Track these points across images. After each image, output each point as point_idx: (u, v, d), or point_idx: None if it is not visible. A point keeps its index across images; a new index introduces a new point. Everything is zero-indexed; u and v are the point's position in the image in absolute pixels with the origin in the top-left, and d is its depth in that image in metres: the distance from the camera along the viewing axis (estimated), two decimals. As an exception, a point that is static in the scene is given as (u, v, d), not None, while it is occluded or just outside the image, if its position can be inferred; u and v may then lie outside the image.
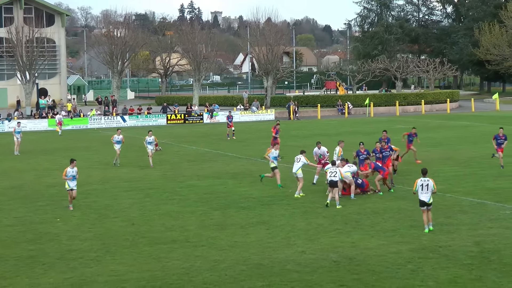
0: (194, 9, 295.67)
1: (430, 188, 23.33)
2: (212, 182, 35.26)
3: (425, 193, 23.34)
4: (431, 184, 23.36)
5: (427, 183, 23.36)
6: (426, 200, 23.32)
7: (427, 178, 23.57)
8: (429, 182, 23.37)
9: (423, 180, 23.48)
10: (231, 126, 57.91)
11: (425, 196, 23.34)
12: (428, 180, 23.45)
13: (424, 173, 23.85)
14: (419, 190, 23.44)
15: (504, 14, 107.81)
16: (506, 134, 37.89)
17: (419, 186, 23.45)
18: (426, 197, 23.33)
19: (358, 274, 19.14)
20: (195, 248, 22.18)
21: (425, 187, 23.34)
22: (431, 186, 23.35)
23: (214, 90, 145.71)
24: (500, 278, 18.48)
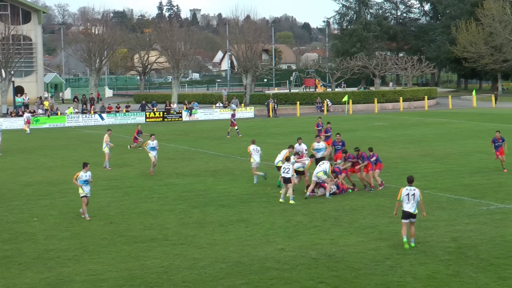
0: (172, 7, 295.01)
1: (416, 198, 21.25)
2: (191, 180, 35.19)
3: (410, 204, 21.21)
4: (417, 193, 21.28)
5: (413, 192, 21.25)
6: (411, 211, 21.17)
7: (413, 187, 21.46)
8: (415, 192, 21.25)
9: (409, 189, 21.32)
10: (235, 125, 57.60)
11: (410, 206, 21.20)
12: (415, 189, 21.32)
13: (410, 182, 21.56)
14: (404, 200, 21.28)
15: (480, 12, 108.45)
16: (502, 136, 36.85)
17: (404, 196, 21.29)
18: (411, 208, 21.18)
19: (337, 271, 19.16)
20: (174, 246, 22.12)
21: (411, 197, 21.21)
22: (417, 196, 21.27)
23: (193, 87, 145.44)
24: (477, 274, 18.59)
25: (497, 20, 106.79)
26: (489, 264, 19.41)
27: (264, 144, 46.70)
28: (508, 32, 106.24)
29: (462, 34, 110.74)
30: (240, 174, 36.49)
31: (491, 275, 18.44)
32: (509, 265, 19.21)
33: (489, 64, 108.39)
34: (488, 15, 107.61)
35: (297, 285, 18.15)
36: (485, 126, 60.24)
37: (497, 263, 19.48)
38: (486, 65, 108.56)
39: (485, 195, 29.25)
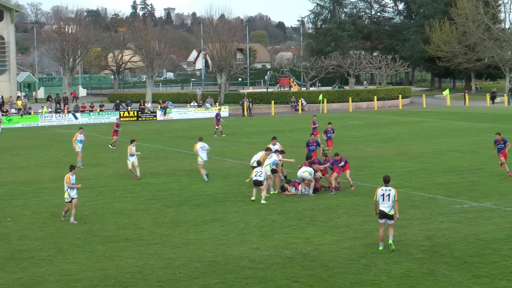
0: (146, 6, 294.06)
1: (392, 198, 20.95)
2: (166, 179, 35.10)
3: (385, 204, 20.95)
4: (392, 193, 20.98)
5: (388, 192, 20.97)
6: (386, 211, 20.90)
7: (389, 187, 21.19)
8: (390, 192, 20.97)
9: (384, 190, 21.08)
10: (218, 124, 57.32)
11: (385, 206, 20.94)
12: (390, 189, 21.05)
13: (386, 182, 21.37)
14: (380, 200, 21.06)
15: (454, 11, 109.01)
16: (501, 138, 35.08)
17: (379, 196, 21.06)
18: (387, 208, 20.91)
19: (312, 270, 19.17)
20: (149, 246, 22.03)
21: (386, 197, 20.96)
22: (392, 196, 20.97)
23: (168, 87, 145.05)
24: (450, 272, 18.68)
25: (471, 20, 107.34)
26: (463, 262, 19.49)
27: (239, 144, 46.78)
28: (481, 32, 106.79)
29: (436, 33, 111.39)
30: (215, 173, 36.39)
31: (464, 273, 18.52)
32: (483, 263, 19.30)
33: (462, 63, 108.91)
34: (462, 15, 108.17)
35: (272, 284, 18.12)
36: (459, 125, 60.66)
37: (471, 261, 19.57)
38: (460, 64, 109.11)
39: (459, 193, 29.42)
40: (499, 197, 28.56)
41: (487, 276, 18.29)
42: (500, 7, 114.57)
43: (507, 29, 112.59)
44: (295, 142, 48.97)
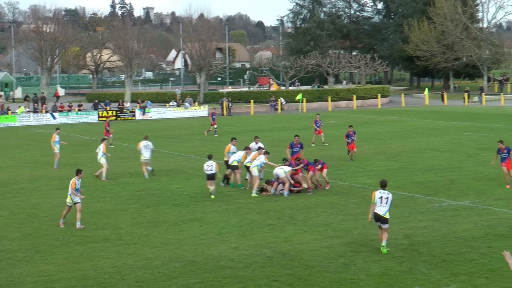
0: (125, 5, 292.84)
1: (390, 201, 20.64)
2: (145, 179, 34.94)
3: (382, 207, 20.52)
4: (391, 197, 20.68)
5: (387, 196, 20.59)
6: (381, 214, 20.47)
7: (387, 191, 20.82)
8: (389, 196, 20.62)
9: (382, 193, 20.65)
10: (214, 124, 57.09)
11: (381, 209, 20.51)
12: (388, 193, 20.71)
13: (383, 186, 21.00)
14: (378, 202, 20.58)
15: (432, 11, 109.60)
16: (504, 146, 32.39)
17: (377, 199, 20.58)
18: (382, 211, 20.49)
19: (291, 269, 19.17)
20: (128, 246, 21.96)
21: (384, 200, 20.55)
22: (390, 199, 20.65)
23: (147, 86, 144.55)
24: (429, 270, 18.76)
25: (449, 19, 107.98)
26: (441, 260, 19.59)
27: (219, 143, 46.72)
28: (459, 31, 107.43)
29: (415, 32, 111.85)
30: (194, 173, 36.37)
31: (443, 271, 18.61)
32: (461, 261, 19.41)
33: (441, 63, 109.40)
34: (440, 14, 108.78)
35: (252, 283, 18.11)
36: (438, 124, 60.95)
37: (449, 259, 19.67)
38: (438, 63, 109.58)
39: (438, 192, 29.55)
40: (477, 195, 28.73)
41: (465, 274, 18.39)
42: (478, 6, 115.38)
43: (484, 29, 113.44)
44: (275, 142, 49.00)
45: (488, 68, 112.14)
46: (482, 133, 51.60)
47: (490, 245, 20.98)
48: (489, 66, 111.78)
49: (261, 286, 17.92)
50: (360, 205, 27.33)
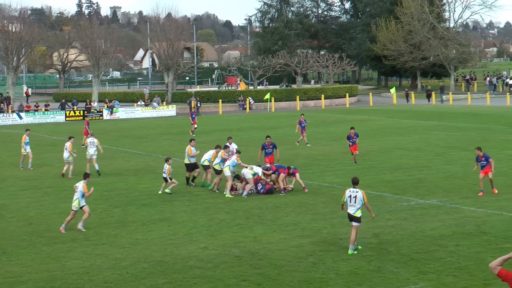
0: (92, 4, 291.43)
1: (359, 200, 20.38)
2: (113, 179, 34.81)
3: (352, 206, 20.43)
4: (360, 195, 20.43)
5: (355, 194, 20.43)
6: (351, 213, 20.40)
7: (357, 189, 20.62)
8: (357, 194, 20.44)
9: (351, 191, 20.56)
10: (195, 123, 56.64)
11: (351, 208, 20.43)
12: (357, 191, 20.51)
13: (354, 183, 20.81)
14: (347, 201, 20.55)
15: (399, 10, 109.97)
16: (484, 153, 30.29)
17: (347, 198, 20.54)
18: (352, 210, 20.41)
19: (260, 268, 19.14)
20: (96, 246, 21.82)
21: (353, 199, 20.41)
22: (360, 197, 20.41)
23: (114, 86, 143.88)
24: (397, 268, 18.82)
25: (416, 18, 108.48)
26: (410, 259, 19.66)
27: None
28: (426, 30, 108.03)
29: (382, 32, 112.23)
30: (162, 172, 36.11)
31: (411, 270, 18.68)
32: (429, 260, 19.49)
33: (408, 62, 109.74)
34: (407, 13, 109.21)
35: (220, 283, 18.06)
36: (405, 123, 61.22)
37: (417, 257, 19.75)
38: (406, 62, 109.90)
39: (406, 191, 29.69)
40: (445, 194, 28.88)
41: (433, 272, 18.46)
42: (444, 6, 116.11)
43: (451, 28, 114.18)
44: (243, 141, 48.89)
45: (455, 68, 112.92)
46: (449, 132, 51.95)
47: (458, 243, 21.09)
48: (456, 65, 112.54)
49: (230, 286, 17.87)
50: (328, 204, 27.37)
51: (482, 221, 23.75)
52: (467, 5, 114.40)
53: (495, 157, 37.27)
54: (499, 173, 32.13)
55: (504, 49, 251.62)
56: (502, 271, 10.96)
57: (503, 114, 65.37)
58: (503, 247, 20.39)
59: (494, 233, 22.19)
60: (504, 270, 10.98)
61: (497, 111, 70.51)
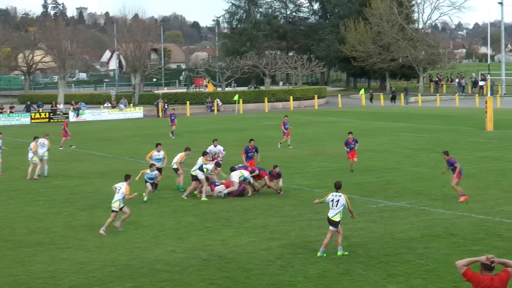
0: (58, 5, 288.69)
1: (341, 204, 20.30)
2: (79, 182, 34.47)
3: (332, 210, 20.30)
4: (342, 200, 20.34)
5: (338, 198, 20.35)
6: (330, 216, 20.29)
7: (340, 193, 20.54)
8: (340, 198, 20.34)
9: (334, 195, 20.45)
10: (174, 125, 55.84)
11: (331, 212, 20.28)
12: (340, 195, 20.41)
13: (337, 188, 20.67)
14: (330, 205, 20.38)
15: (368, 11, 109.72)
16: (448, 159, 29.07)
17: (330, 201, 20.41)
18: (332, 214, 20.26)
19: (228, 272, 19.01)
20: (61, 250, 21.56)
21: (335, 203, 20.30)
22: (342, 202, 20.32)
23: (80, 87, 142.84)
24: (366, 271, 18.75)
25: (385, 20, 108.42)
26: (379, 261, 19.60)
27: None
28: (395, 32, 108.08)
29: (351, 33, 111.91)
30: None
31: (380, 273, 18.62)
32: (398, 262, 19.44)
33: (377, 63, 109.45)
34: (376, 15, 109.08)
35: (188, 287, 17.92)
36: (374, 124, 61.32)
37: (386, 260, 19.69)
38: (374, 64, 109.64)
39: (375, 193, 29.65)
40: (414, 196, 28.87)
41: (402, 275, 18.40)
42: (413, 7, 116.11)
43: (420, 29, 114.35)
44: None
45: (424, 69, 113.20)
46: (418, 134, 52.09)
47: (426, 245, 21.05)
48: (425, 66, 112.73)
49: (198, 289, 17.70)
50: (297, 206, 27.26)
51: (451, 223, 23.76)
52: (436, 6, 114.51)
53: (463, 159, 37.63)
54: (468, 174, 32.27)
55: (473, 50, 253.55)
56: (468, 272, 11.16)
57: (472, 116, 65.71)
58: (472, 249, 20.41)
59: (463, 235, 22.20)
60: (470, 271, 11.17)
61: (466, 113, 70.96)
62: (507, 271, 11.27)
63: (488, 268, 11.19)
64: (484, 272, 11.22)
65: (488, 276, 11.15)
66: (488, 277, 11.14)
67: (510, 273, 11.28)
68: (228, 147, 38.92)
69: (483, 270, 11.23)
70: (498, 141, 46.36)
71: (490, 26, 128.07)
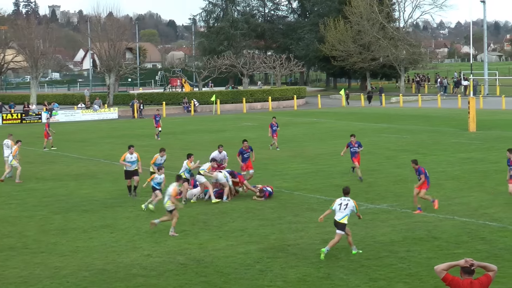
0: (30, 3, 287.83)
1: (350, 207, 20.31)
2: (53, 184, 33.99)
3: (340, 213, 20.26)
4: (351, 204, 20.37)
5: (346, 202, 20.40)
6: (337, 219, 20.26)
7: (348, 197, 20.61)
8: (348, 202, 20.40)
9: (342, 200, 20.52)
10: (159, 126, 54.70)
11: (339, 214, 20.26)
12: (349, 200, 20.50)
13: (345, 193, 20.79)
14: (336, 209, 20.37)
15: (348, 10, 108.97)
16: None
17: (337, 205, 20.42)
18: (339, 216, 20.24)
19: (206, 276, 18.71)
20: (35, 254, 21.18)
21: (344, 206, 20.34)
22: (351, 205, 20.33)
23: (53, 88, 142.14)
24: (347, 275, 18.47)
25: (365, 18, 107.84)
26: (360, 265, 19.32)
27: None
28: (376, 31, 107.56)
29: (331, 32, 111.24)
30: (104, 177, 35.58)
31: (361, 277, 18.35)
32: (380, 266, 19.17)
33: (357, 63, 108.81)
34: (356, 13, 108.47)
35: (165, 292, 17.61)
36: (355, 125, 60.96)
37: (368, 264, 19.42)
38: (355, 63, 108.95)
39: (356, 195, 29.02)
40: (395, 198, 28.56)
41: (384, 279, 18.15)
42: (394, 5, 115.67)
43: (401, 28, 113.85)
44: (188, 145, 48.30)
45: (405, 69, 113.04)
46: (400, 135, 51.81)
47: (408, 249, 20.78)
48: (406, 66, 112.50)
49: (175, 295, 17.41)
50: (276, 209, 26.92)
51: (433, 226, 23.48)
52: (417, 5, 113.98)
53: (446, 161, 37.53)
54: (452, 176, 32.11)
55: (455, 49, 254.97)
56: (448, 276, 11.21)
57: (455, 116, 65.72)
58: (454, 252, 20.17)
59: (446, 238, 21.95)
60: (450, 275, 11.18)
61: (449, 113, 70.95)
62: (488, 275, 11.25)
63: (468, 272, 11.15)
64: (464, 276, 11.18)
65: (468, 280, 11.12)
66: (468, 281, 11.10)
67: (491, 277, 11.25)
68: (204, 149, 38.50)
69: (463, 274, 11.19)
70: (481, 142, 46.19)
71: (473, 25, 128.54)
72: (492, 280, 11.22)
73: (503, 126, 56.31)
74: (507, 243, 21.20)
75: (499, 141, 46.27)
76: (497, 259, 19.32)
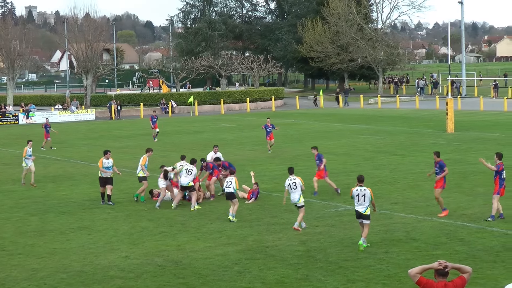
0: (6, 3, 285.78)
1: (368, 198, 20.94)
2: (29, 186, 33.64)
3: (361, 205, 20.95)
4: (368, 194, 20.96)
5: (363, 193, 20.92)
6: (361, 211, 20.95)
7: (364, 187, 21.17)
8: (366, 192, 20.95)
9: (359, 190, 21.03)
10: (156, 127, 54.05)
11: (361, 207, 20.95)
12: (365, 189, 21.03)
13: (360, 181, 21.35)
14: (355, 200, 21.09)
15: (326, 11, 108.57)
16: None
17: (355, 196, 21.04)
18: (362, 208, 20.95)
19: (184, 278, 18.65)
20: (11, 256, 21.04)
21: (362, 198, 20.92)
22: (368, 196, 20.95)
23: (30, 89, 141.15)
24: (325, 277, 18.45)
25: (343, 19, 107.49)
26: (338, 267, 19.30)
27: (107, 148, 45.32)
28: (354, 31, 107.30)
29: (308, 33, 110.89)
30: (82, 179, 35.36)
31: (340, 278, 18.33)
32: (358, 267, 19.16)
33: (335, 64, 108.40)
34: (334, 14, 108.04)
35: (143, 294, 17.50)
36: (333, 126, 60.94)
37: (346, 265, 19.40)
38: (333, 64, 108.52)
39: (334, 197, 29.34)
40: (374, 199, 28.43)
41: (362, 280, 18.16)
42: (372, 6, 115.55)
43: (379, 29, 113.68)
44: (166, 146, 48.14)
45: (383, 70, 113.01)
46: (378, 136, 51.76)
47: (387, 250, 20.79)
48: (384, 67, 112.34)
49: (153, 297, 17.32)
50: (254, 210, 26.88)
51: (412, 227, 23.51)
52: (395, 6, 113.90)
53: (424, 162, 37.56)
54: (429, 178, 32.11)
55: (433, 50, 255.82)
56: (422, 279, 11.14)
57: (432, 118, 65.83)
58: (433, 253, 20.17)
59: (424, 239, 21.97)
60: (424, 279, 11.16)
61: (427, 114, 70.99)
62: (463, 278, 11.20)
63: (442, 274, 11.11)
64: (438, 278, 11.14)
65: (442, 282, 11.07)
66: (442, 283, 11.05)
67: (465, 279, 11.19)
68: (183, 151, 38.39)
69: (437, 276, 11.15)
70: (459, 143, 46.28)
71: (450, 26, 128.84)
72: (467, 282, 11.18)
73: (481, 127, 56.50)
74: (485, 244, 21.27)
75: (477, 142, 46.46)
76: (475, 260, 19.39)
